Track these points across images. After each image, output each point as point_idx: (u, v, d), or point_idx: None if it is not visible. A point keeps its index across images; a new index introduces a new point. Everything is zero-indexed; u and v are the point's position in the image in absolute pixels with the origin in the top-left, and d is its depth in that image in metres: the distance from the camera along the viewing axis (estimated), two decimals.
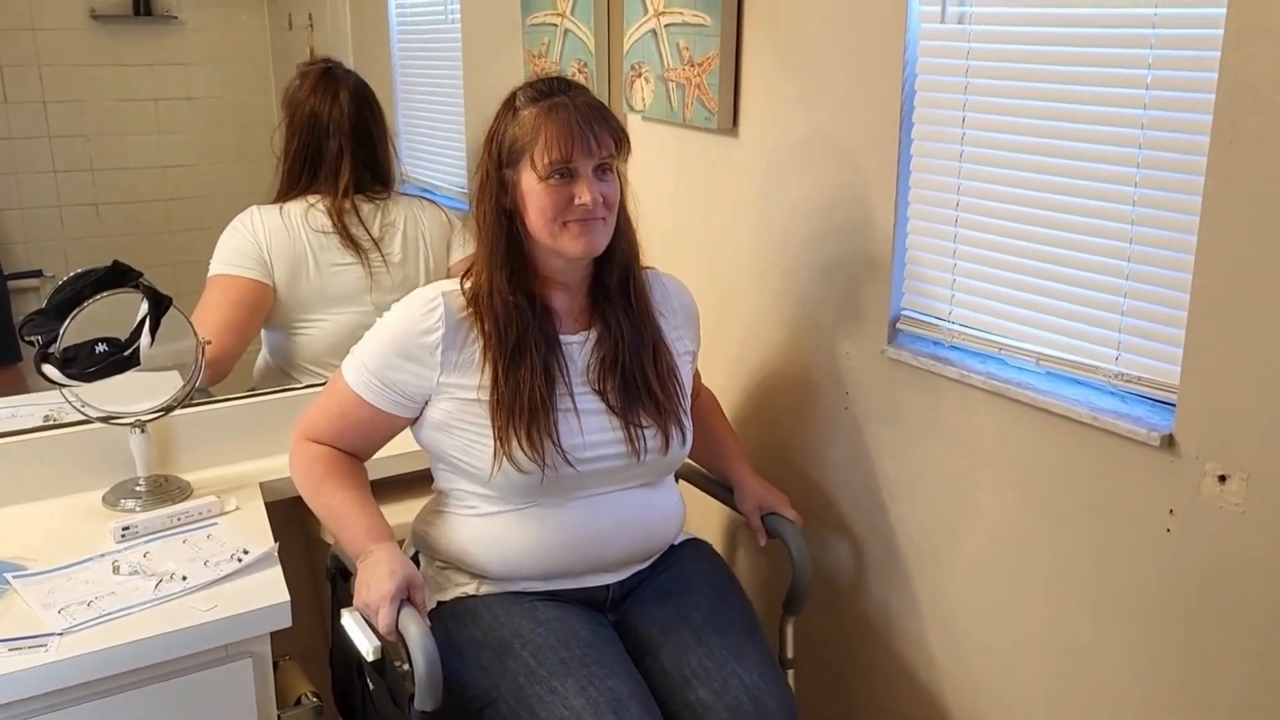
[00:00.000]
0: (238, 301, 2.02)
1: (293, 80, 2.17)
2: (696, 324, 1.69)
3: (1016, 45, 1.46)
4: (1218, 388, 1.27)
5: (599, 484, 1.53)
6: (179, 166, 2.94)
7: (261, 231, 2.06)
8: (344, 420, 1.56)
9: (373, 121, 2.15)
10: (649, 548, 1.61)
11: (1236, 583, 1.29)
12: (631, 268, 1.55)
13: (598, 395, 1.52)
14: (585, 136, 1.43)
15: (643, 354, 1.55)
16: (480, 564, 1.54)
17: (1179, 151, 1.29)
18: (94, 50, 2.92)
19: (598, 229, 1.46)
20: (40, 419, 1.85)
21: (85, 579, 1.49)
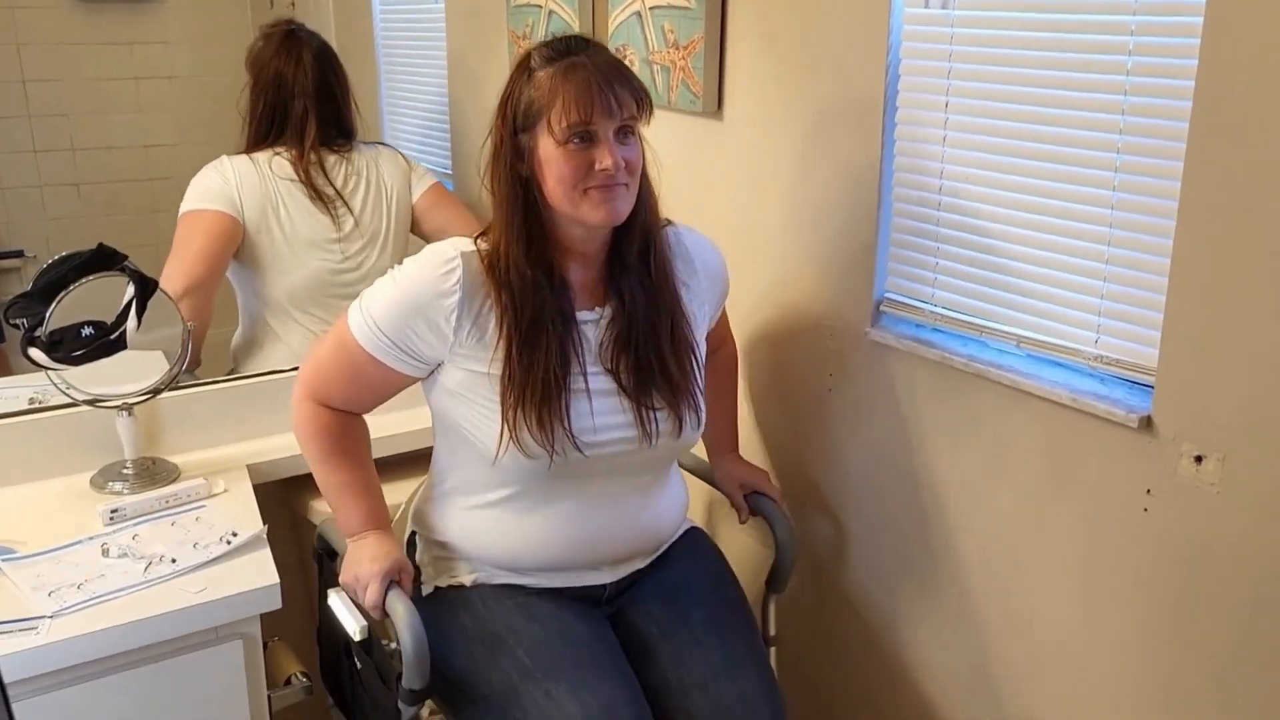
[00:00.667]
0: (205, 231, 2.08)
1: (256, 41, 2.21)
2: (723, 286, 1.62)
3: (999, 31, 1.47)
4: (1195, 370, 1.29)
5: (606, 473, 1.48)
6: (161, 146, 2.93)
7: (231, 173, 2.12)
8: (355, 380, 1.49)
9: (335, 81, 2.22)
10: (652, 543, 1.58)
11: (1213, 561, 1.32)
12: (652, 236, 1.48)
13: (610, 375, 1.46)
14: (605, 97, 1.35)
15: (659, 330, 1.47)
16: (478, 553, 1.51)
17: (1158, 137, 1.31)
18: (74, 29, 2.90)
19: (620, 195, 1.38)
20: (25, 401, 1.85)
21: (74, 562, 1.50)
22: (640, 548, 1.56)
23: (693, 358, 1.51)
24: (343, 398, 1.52)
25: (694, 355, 1.52)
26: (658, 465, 1.54)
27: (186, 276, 2.01)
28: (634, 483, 1.52)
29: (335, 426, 1.52)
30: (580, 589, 1.52)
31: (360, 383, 1.49)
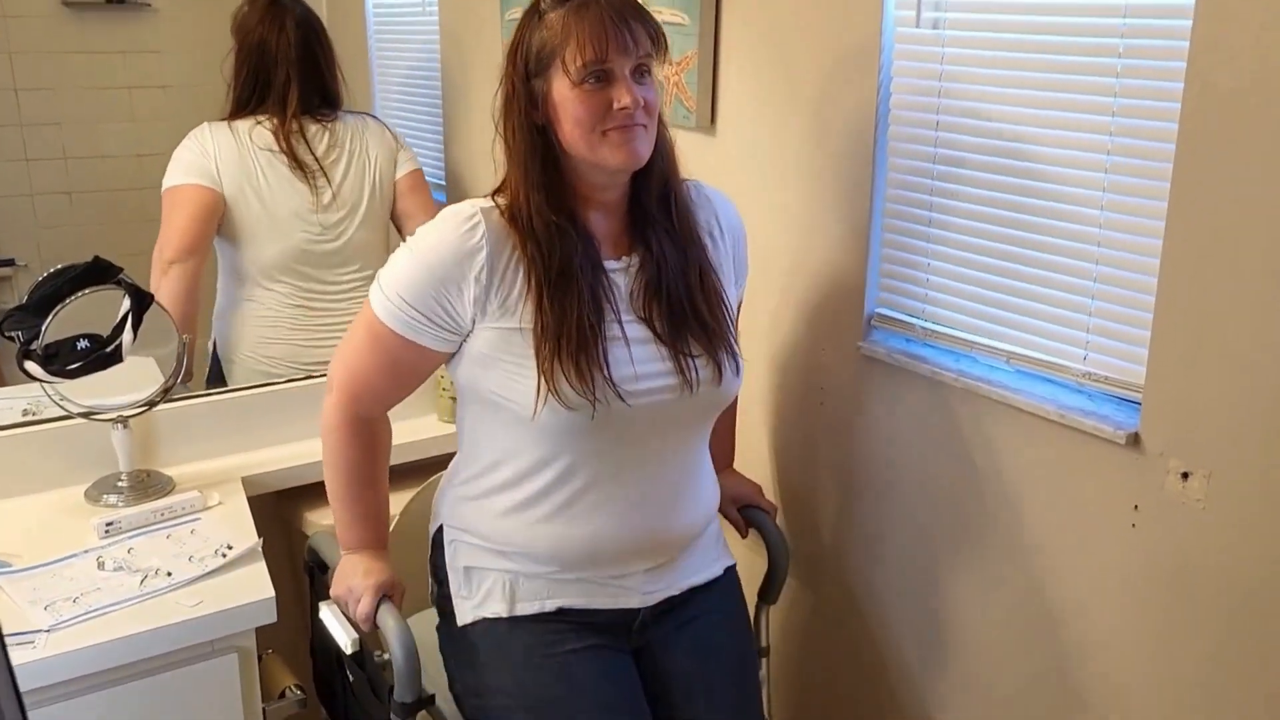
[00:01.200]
0: (185, 205, 2.12)
1: (241, 7, 2.23)
2: (744, 250, 1.54)
3: (989, 51, 1.49)
4: (1181, 388, 1.31)
5: (648, 432, 1.39)
6: (153, 155, 2.91)
7: (210, 144, 2.15)
8: (388, 370, 1.42)
9: (319, 50, 2.24)
10: (694, 525, 1.49)
11: (1198, 576, 1.33)
12: (671, 183, 1.42)
13: (644, 323, 1.38)
14: (621, 34, 1.28)
15: (688, 277, 1.41)
16: (514, 544, 1.42)
17: (1146, 158, 1.33)
18: (67, 37, 2.89)
19: (640, 136, 1.32)
20: (19, 413, 1.85)
21: (70, 575, 1.51)
22: (684, 529, 1.47)
23: (724, 306, 1.44)
24: (377, 392, 1.45)
25: (725, 304, 1.45)
26: (699, 421, 1.46)
27: (172, 249, 2.08)
28: (677, 447, 1.44)
29: (359, 449, 1.48)
30: (614, 613, 1.45)
31: (393, 371, 1.42)
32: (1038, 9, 1.42)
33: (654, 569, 1.47)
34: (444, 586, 1.49)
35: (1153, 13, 1.30)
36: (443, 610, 1.51)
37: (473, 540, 1.46)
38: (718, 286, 1.45)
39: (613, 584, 1.45)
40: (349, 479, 1.49)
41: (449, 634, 1.50)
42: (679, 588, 1.49)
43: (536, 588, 1.43)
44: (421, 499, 1.88)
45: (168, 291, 2.06)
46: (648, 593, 1.46)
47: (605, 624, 1.45)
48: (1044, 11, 1.41)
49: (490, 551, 1.44)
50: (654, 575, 1.47)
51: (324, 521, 1.88)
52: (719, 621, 1.53)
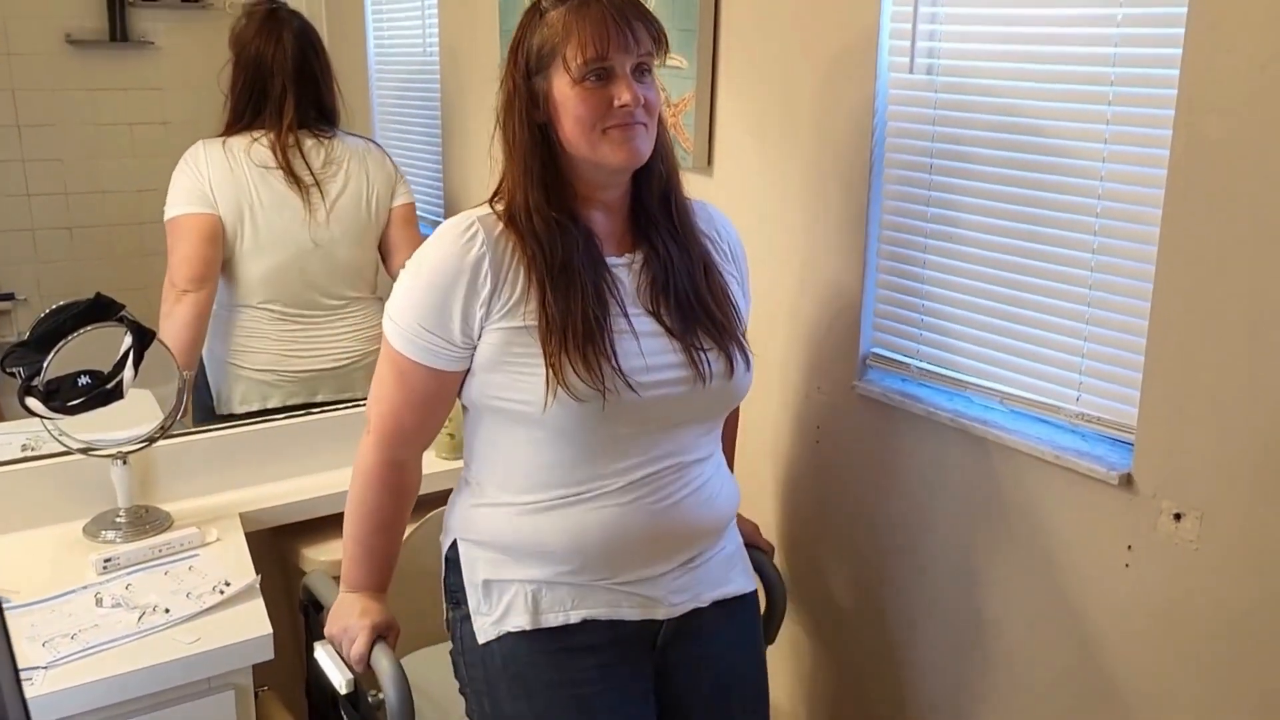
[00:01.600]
0: (189, 235, 2.15)
1: (239, 19, 2.25)
2: (745, 265, 1.53)
3: (982, 97, 1.51)
4: (1173, 429, 1.33)
5: (662, 426, 1.37)
6: (154, 190, 2.94)
7: (205, 167, 2.17)
8: (417, 403, 1.40)
9: (316, 63, 2.25)
10: (717, 521, 1.46)
11: (1192, 616, 1.34)
12: (672, 184, 1.41)
13: (653, 317, 1.37)
14: (622, 32, 1.28)
15: (694, 273, 1.40)
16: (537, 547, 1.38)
17: (1136, 203, 1.35)
18: (69, 74, 2.92)
19: (640, 134, 1.32)
20: (18, 449, 1.86)
21: (68, 611, 1.51)
22: (704, 524, 1.43)
23: (731, 303, 1.43)
24: (406, 429, 1.43)
25: (731, 301, 1.44)
26: (712, 416, 1.44)
27: (184, 279, 2.11)
28: (691, 443, 1.41)
29: (387, 497, 1.47)
30: (638, 626, 1.41)
31: (420, 405, 1.41)
32: (1028, 57, 1.45)
33: (677, 571, 1.42)
34: (461, 607, 1.45)
35: (1141, 62, 1.33)
36: (458, 634, 1.47)
37: (491, 552, 1.42)
38: (724, 284, 1.44)
39: (636, 591, 1.40)
40: (367, 520, 1.47)
41: (466, 659, 1.45)
42: (704, 599, 1.45)
43: (560, 597, 1.39)
44: (419, 535, 1.89)
45: (181, 318, 2.10)
46: (673, 603, 1.42)
47: (629, 638, 1.41)
48: (1034, 60, 1.44)
49: (510, 561, 1.40)
50: (678, 581, 1.42)
51: (321, 558, 1.89)
52: (741, 654, 1.51)
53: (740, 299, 1.47)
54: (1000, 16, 1.48)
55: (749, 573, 1.54)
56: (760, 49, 1.81)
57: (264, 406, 2.21)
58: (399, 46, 2.89)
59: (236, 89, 2.21)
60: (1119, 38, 1.35)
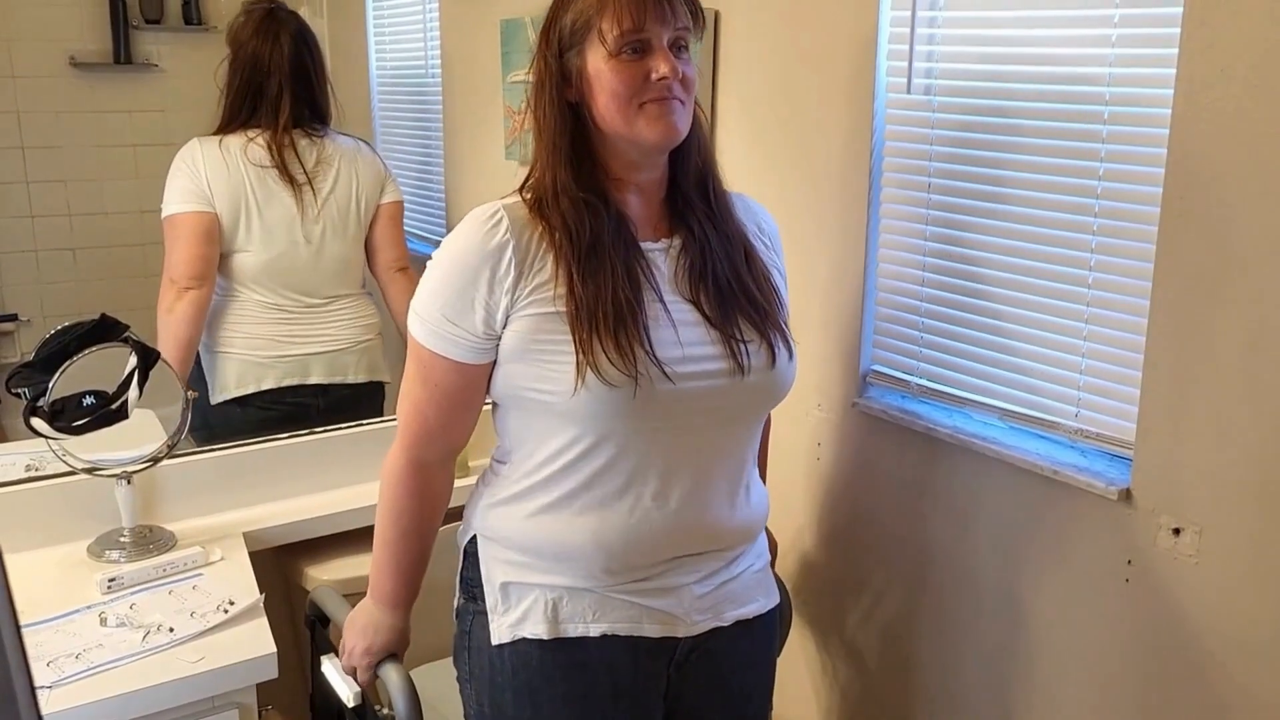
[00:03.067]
0: (186, 234, 2.18)
1: (237, 18, 2.27)
2: (782, 258, 1.44)
3: (979, 117, 1.53)
4: (1171, 445, 1.34)
5: (698, 422, 1.30)
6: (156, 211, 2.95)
7: (202, 165, 2.19)
8: (442, 401, 1.35)
9: (312, 63, 2.28)
10: (745, 529, 1.39)
11: (1190, 630, 1.35)
12: (709, 167, 1.35)
13: (691, 305, 1.30)
14: (660, 3, 1.23)
15: (734, 258, 1.33)
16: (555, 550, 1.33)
17: (1132, 220, 1.36)
18: (73, 97, 2.95)
19: (677, 110, 1.25)
20: (22, 469, 1.86)
21: (73, 631, 1.51)
22: (735, 529, 1.37)
23: (773, 289, 1.36)
24: (431, 429, 1.38)
25: (774, 287, 1.37)
26: (753, 412, 1.36)
27: (185, 277, 2.16)
28: (727, 442, 1.34)
29: (411, 500, 1.42)
30: (658, 644, 1.35)
31: (447, 399, 1.35)
32: (1025, 78, 1.46)
33: (704, 584, 1.36)
34: (477, 601, 1.39)
35: (1137, 81, 1.35)
36: (468, 626, 1.42)
37: (511, 553, 1.37)
38: (765, 270, 1.36)
39: (659, 605, 1.34)
40: (393, 525, 1.44)
41: (472, 653, 1.41)
42: (726, 617, 1.38)
43: (581, 607, 1.33)
44: None
45: (183, 314, 2.15)
46: (695, 620, 1.36)
47: (647, 657, 1.35)
48: (1031, 80, 1.46)
49: (531, 565, 1.35)
50: (702, 599, 1.36)
51: (325, 577, 1.89)
52: (754, 673, 1.47)
53: (783, 289, 1.40)
54: (997, 38, 1.50)
55: (772, 589, 1.48)
56: (758, 69, 1.82)
57: (259, 388, 2.25)
58: (401, 61, 2.91)
59: (233, 87, 2.24)
60: (1114, 58, 1.36)
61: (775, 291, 1.36)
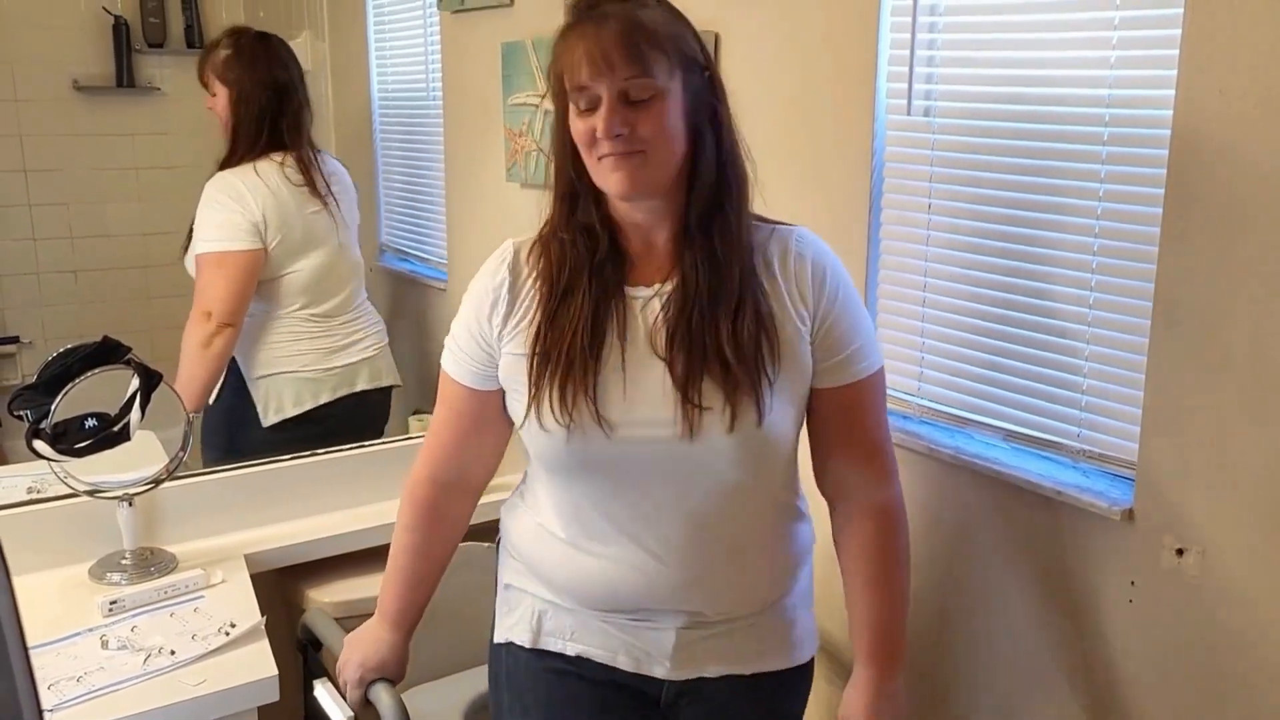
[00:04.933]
0: (236, 272, 2.21)
1: (220, 51, 2.31)
2: (834, 303, 1.28)
3: (979, 138, 1.54)
4: (1174, 464, 1.34)
5: (654, 475, 1.26)
6: (158, 234, 2.99)
7: (250, 199, 2.22)
8: (454, 419, 1.39)
9: (302, 81, 2.38)
10: (739, 600, 1.31)
11: (1194, 652, 1.35)
12: (718, 201, 1.26)
13: (662, 361, 1.25)
14: (598, 57, 1.18)
15: (718, 311, 1.24)
16: (539, 572, 1.36)
17: (1133, 240, 1.37)
18: (76, 120, 2.97)
19: (631, 164, 1.20)
20: (24, 491, 1.86)
21: (74, 654, 1.51)
22: (724, 604, 1.30)
23: (761, 347, 1.24)
24: (445, 447, 1.42)
25: (767, 343, 1.25)
26: (723, 478, 1.26)
27: (228, 314, 2.19)
28: (703, 504, 1.27)
29: (417, 519, 1.45)
30: (636, 678, 1.33)
31: (458, 420, 1.39)
32: (1024, 99, 1.47)
33: (688, 630, 1.31)
34: (495, 597, 1.46)
35: (1135, 104, 1.36)
36: (492, 621, 1.47)
37: (514, 560, 1.41)
38: (762, 327, 1.25)
39: (633, 641, 1.32)
40: (399, 538, 1.47)
41: (490, 647, 1.46)
42: (709, 670, 1.33)
43: (562, 624, 1.35)
44: None
45: (218, 352, 2.20)
46: (670, 667, 1.32)
47: (627, 686, 1.34)
48: (1030, 101, 1.46)
49: (527, 574, 1.38)
50: (681, 651, 1.31)
51: (325, 599, 1.89)
52: None
53: (798, 344, 1.26)
54: (996, 59, 1.51)
55: (797, 645, 1.37)
56: (758, 91, 1.83)
57: (316, 404, 2.33)
58: (402, 84, 2.93)
59: (250, 115, 2.27)
60: (1113, 79, 1.37)
61: (764, 354, 1.24)
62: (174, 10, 3.02)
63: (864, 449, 1.34)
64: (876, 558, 1.35)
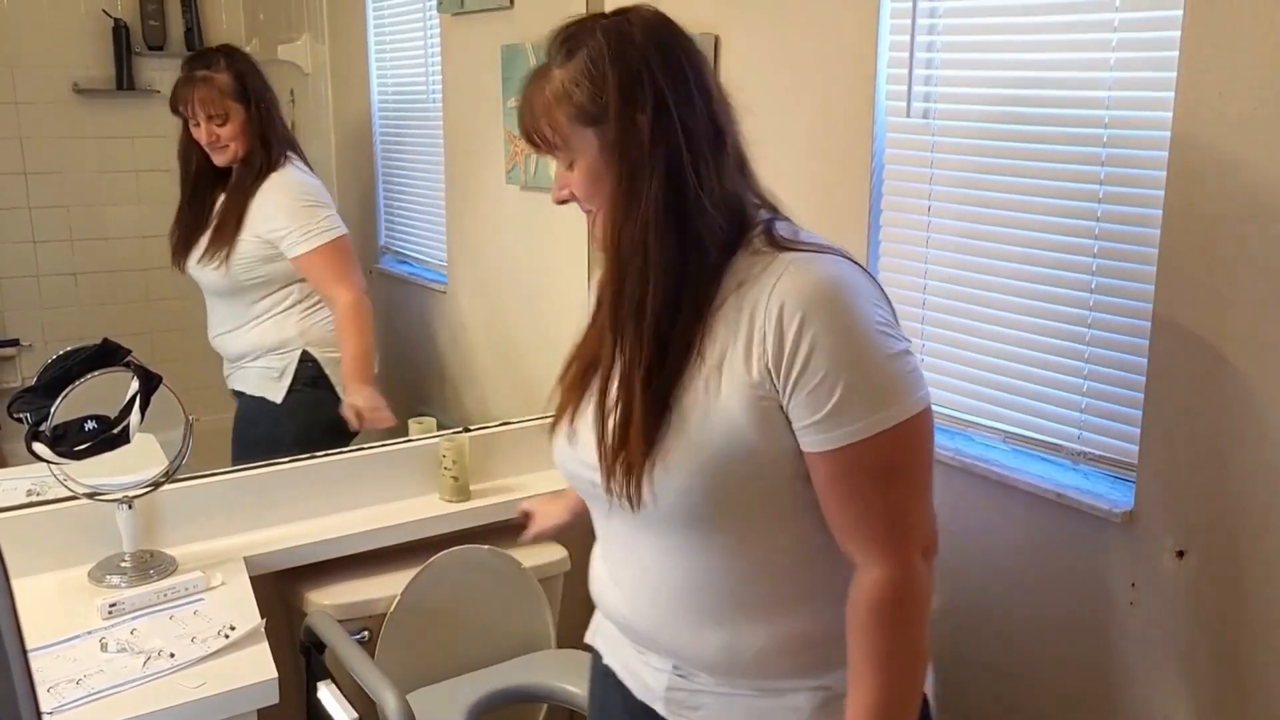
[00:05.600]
0: (353, 250, 2.37)
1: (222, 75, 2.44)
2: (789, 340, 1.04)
3: (979, 140, 1.54)
4: (1174, 466, 1.34)
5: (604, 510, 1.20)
6: (158, 236, 2.97)
7: (324, 191, 2.39)
8: None
9: None
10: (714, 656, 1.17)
11: (1195, 654, 1.34)
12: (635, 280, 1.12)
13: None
14: (522, 126, 1.16)
15: (632, 371, 1.11)
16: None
17: (1133, 243, 1.37)
18: (76, 123, 2.96)
19: (590, 221, 1.16)
20: (23, 494, 1.86)
21: (73, 657, 1.50)
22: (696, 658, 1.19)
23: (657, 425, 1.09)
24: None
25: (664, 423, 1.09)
26: (663, 534, 1.15)
27: (360, 288, 2.33)
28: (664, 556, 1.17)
29: None
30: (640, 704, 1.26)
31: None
32: (1023, 100, 1.47)
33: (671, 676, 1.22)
34: None
35: (1135, 105, 1.36)
36: None
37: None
38: (674, 393, 1.10)
39: (642, 671, 1.26)
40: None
41: None
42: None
43: (603, 628, 1.33)
44: (425, 577, 1.89)
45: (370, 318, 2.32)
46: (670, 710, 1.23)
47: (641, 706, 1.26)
48: (1029, 104, 1.46)
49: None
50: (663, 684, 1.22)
51: (325, 601, 1.88)
52: None
53: (735, 409, 1.07)
54: (995, 61, 1.51)
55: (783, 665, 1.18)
56: (758, 95, 1.83)
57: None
58: (402, 87, 2.92)
59: (275, 117, 2.40)
60: (1113, 81, 1.37)
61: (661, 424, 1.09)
62: (174, 13, 3.02)
63: (842, 526, 1.11)
64: (856, 645, 1.12)
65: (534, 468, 2.21)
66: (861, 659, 1.11)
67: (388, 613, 1.87)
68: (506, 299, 2.52)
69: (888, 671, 1.11)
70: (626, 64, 1.10)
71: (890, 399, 1.05)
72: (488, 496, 2.08)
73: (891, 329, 1.08)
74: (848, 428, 1.05)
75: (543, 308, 2.44)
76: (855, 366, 1.05)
